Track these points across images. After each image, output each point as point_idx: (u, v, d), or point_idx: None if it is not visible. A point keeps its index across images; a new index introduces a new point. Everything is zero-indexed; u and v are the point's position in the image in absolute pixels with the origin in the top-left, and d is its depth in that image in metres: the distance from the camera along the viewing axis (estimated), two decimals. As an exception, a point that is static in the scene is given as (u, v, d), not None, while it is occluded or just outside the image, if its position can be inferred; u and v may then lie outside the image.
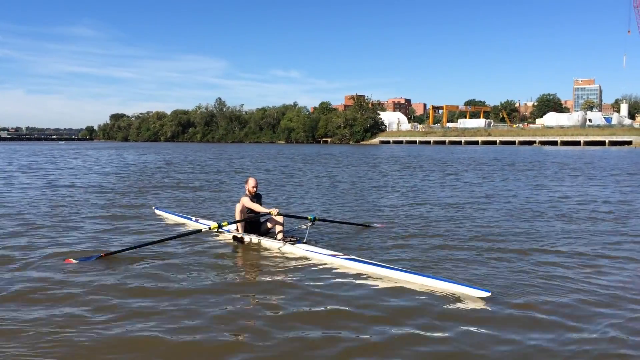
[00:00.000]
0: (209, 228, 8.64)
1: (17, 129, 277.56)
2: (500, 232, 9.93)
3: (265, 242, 8.59)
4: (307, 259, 7.78)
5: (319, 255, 7.76)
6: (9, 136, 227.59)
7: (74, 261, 7.41)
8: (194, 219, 10.62)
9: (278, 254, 8.11)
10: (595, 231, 10.07)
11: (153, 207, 12.21)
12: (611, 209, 13.01)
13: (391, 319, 5.44)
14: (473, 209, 13.07)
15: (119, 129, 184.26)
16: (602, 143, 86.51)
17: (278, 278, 6.90)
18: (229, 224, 8.61)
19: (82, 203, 13.91)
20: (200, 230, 8.76)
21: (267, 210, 8.62)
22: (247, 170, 28.52)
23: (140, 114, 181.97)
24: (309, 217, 8.92)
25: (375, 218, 11.47)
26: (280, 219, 8.75)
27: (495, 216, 11.85)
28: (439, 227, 10.43)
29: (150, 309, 5.67)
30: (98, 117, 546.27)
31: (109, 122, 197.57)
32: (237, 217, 8.83)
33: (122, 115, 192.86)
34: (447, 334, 5.03)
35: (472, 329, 5.17)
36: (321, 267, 7.38)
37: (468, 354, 4.66)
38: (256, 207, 8.75)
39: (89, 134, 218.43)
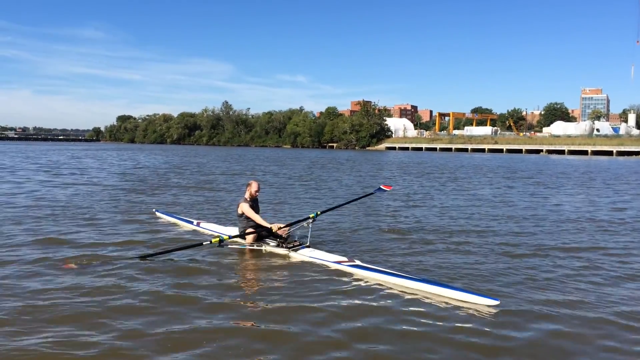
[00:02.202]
0: (210, 242, 8.20)
1: (24, 129, 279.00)
2: (509, 239, 9.76)
3: (268, 248, 8.41)
4: (311, 265, 7.63)
5: (324, 262, 7.62)
6: (16, 136, 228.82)
7: (74, 266, 7.25)
8: (195, 222, 10.43)
9: (282, 261, 7.94)
10: (607, 239, 9.90)
11: (154, 210, 12.05)
12: (623, 217, 12.84)
13: (398, 327, 5.32)
14: (480, 216, 12.89)
15: (126, 131, 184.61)
16: (609, 153, 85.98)
17: (284, 286, 6.75)
18: (230, 238, 8.42)
19: (86, 205, 13.85)
20: (201, 244, 8.22)
21: (269, 226, 8.40)
22: (256, 174, 28.44)
23: (147, 116, 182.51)
24: (310, 215, 8.70)
25: (383, 224, 11.30)
26: (283, 232, 8.50)
27: (503, 223, 11.67)
28: (445, 234, 10.28)
29: (152, 317, 5.56)
30: (104, 118, 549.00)
31: (115, 123, 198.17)
32: (239, 223, 8.71)
33: (129, 117, 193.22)
34: (454, 344, 4.90)
35: (480, 338, 5.04)
36: (326, 274, 7.22)
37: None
38: (257, 218, 8.51)
39: (96, 135, 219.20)
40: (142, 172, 28.38)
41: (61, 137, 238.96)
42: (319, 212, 8.95)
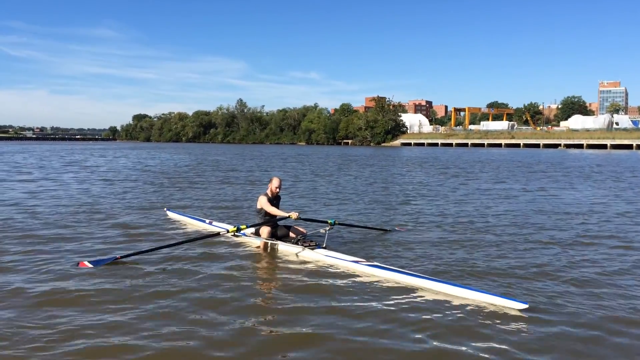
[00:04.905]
0: (227, 231, 8.32)
1: (41, 129, 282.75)
2: (534, 239, 9.43)
3: (284, 247, 8.23)
4: (328, 265, 7.41)
5: (341, 262, 7.37)
6: (34, 136, 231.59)
7: (88, 264, 7.12)
8: (207, 221, 10.27)
9: (297, 260, 7.75)
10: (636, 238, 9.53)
11: (165, 209, 11.92)
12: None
13: (420, 330, 5.08)
14: (501, 214, 12.56)
15: (142, 130, 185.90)
16: (629, 147, 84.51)
17: (298, 285, 6.54)
18: (247, 227, 8.28)
19: (98, 204, 13.76)
20: (218, 234, 8.43)
21: (287, 215, 8.27)
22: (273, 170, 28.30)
23: (163, 114, 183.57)
24: (328, 221, 8.56)
25: (397, 221, 11.07)
26: (302, 230, 8.46)
27: (526, 222, 11.33)
28: (467, 233, 9.99)
29: (164, 314, 5.41)
30: (120, 117, 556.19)
31: (131, 122, 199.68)
32: (258, 219, 8.53)
33: (145, 116, 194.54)
34: (481, 349, 4.64)
35: (507, 343, 4.79)
36: (343, 274, 7.01)
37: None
38: (274, 210, 8.39)
39: (112, 135, 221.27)
40: (160, 171, 28.35)
41: (78, 137, 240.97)
42: (336, 222, 8.81)
